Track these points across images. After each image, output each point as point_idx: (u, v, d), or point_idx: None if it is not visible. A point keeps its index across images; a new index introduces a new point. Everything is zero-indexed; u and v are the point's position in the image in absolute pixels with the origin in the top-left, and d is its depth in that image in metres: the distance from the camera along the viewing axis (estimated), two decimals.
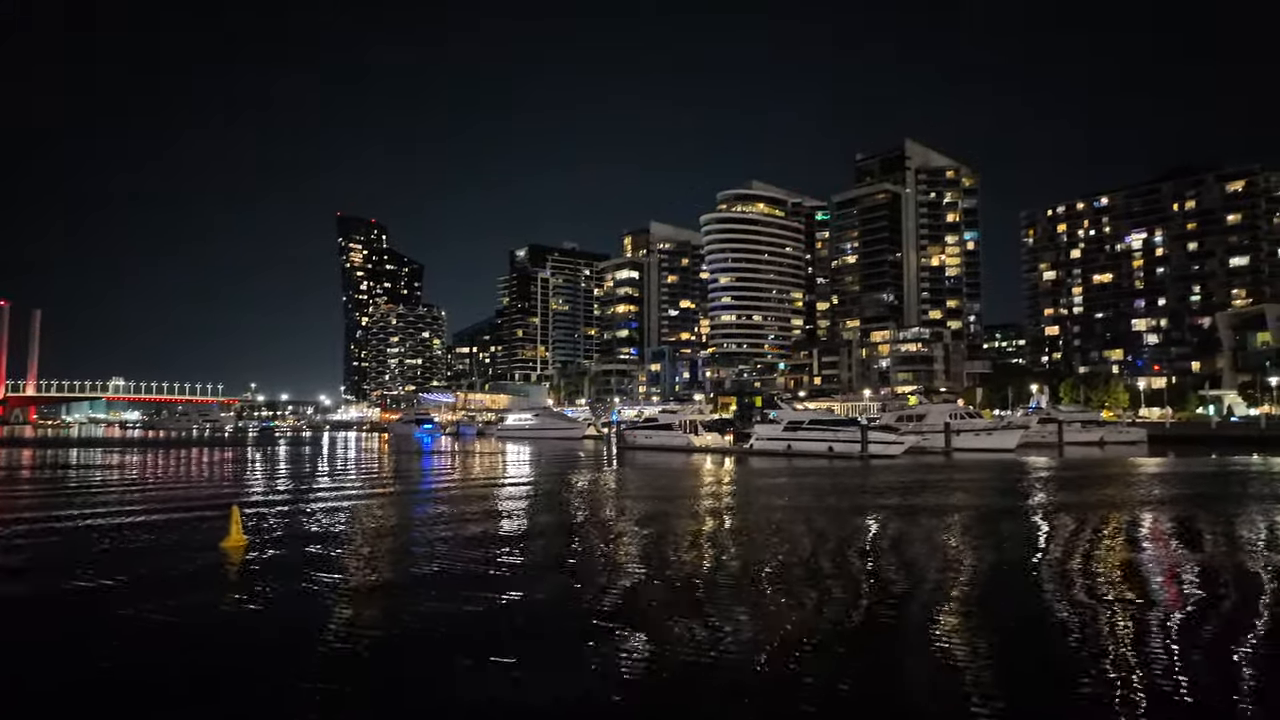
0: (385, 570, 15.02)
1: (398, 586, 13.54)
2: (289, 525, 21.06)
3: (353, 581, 13.91)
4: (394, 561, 15.91)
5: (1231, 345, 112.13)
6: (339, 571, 14.72)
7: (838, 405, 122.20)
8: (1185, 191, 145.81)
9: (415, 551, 17.04)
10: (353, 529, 20.38)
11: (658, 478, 39.39)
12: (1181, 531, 20.35)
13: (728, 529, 21.02)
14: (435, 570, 14.93)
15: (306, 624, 11.06)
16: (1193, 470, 41.88)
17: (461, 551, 16.88)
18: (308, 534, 19.44)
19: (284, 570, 14.78)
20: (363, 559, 16.20)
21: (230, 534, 17.56)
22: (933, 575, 14.69)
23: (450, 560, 15.88)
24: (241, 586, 13.64)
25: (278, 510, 24.47)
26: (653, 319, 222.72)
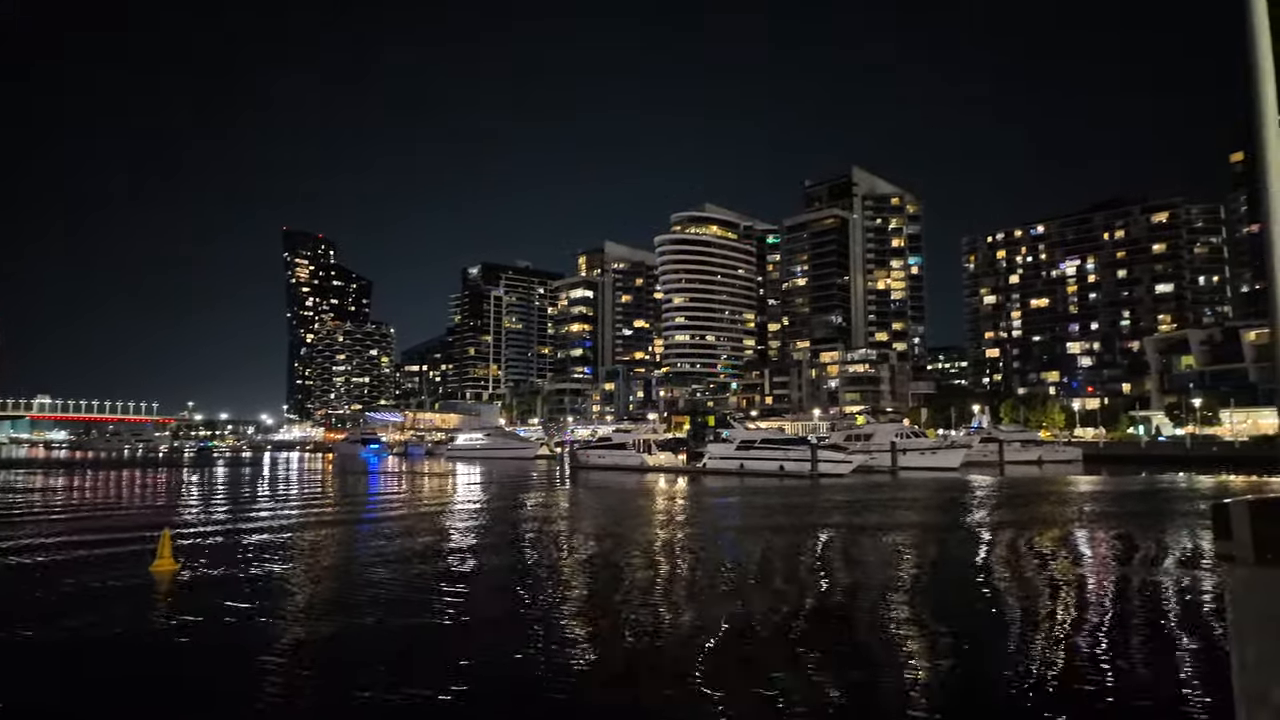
0: (320, 609, 13.65)
1: (330, 631, 12.34)
2: (222, 553, 20.25)
3: (285, 630, 12.16)
4: (331, 599, 14.83)
5: (1158, 368, 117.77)
6: (269, 613, 13.18)
7: (789, 424, 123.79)
8: (1115, 222, 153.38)
9: (355, 583, 16.55)
10: (290, 559, 19.67)
11: (611, 499, 39.20)
12: (1110, 549, 21.15)
13: (681, 552, 21.01)
14: (368, 610, 13.37)
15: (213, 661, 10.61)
16: (1123, 489, 43.65)
17: (401, 587, 16.27)
18: (241, 561, 18.72)
19: (213, 600, 14.18)
20: (298, 595, 15.65)
21: (160, 557, 16.81)
22: (875, 592, 14.93)
23: (389, 599, 14.39)
24: (164, 616, 13.04)
25: (211, 537, 23.52)
26: (607, 338, 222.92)
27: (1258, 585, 2.51)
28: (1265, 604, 2.50)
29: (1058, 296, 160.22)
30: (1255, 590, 2.51)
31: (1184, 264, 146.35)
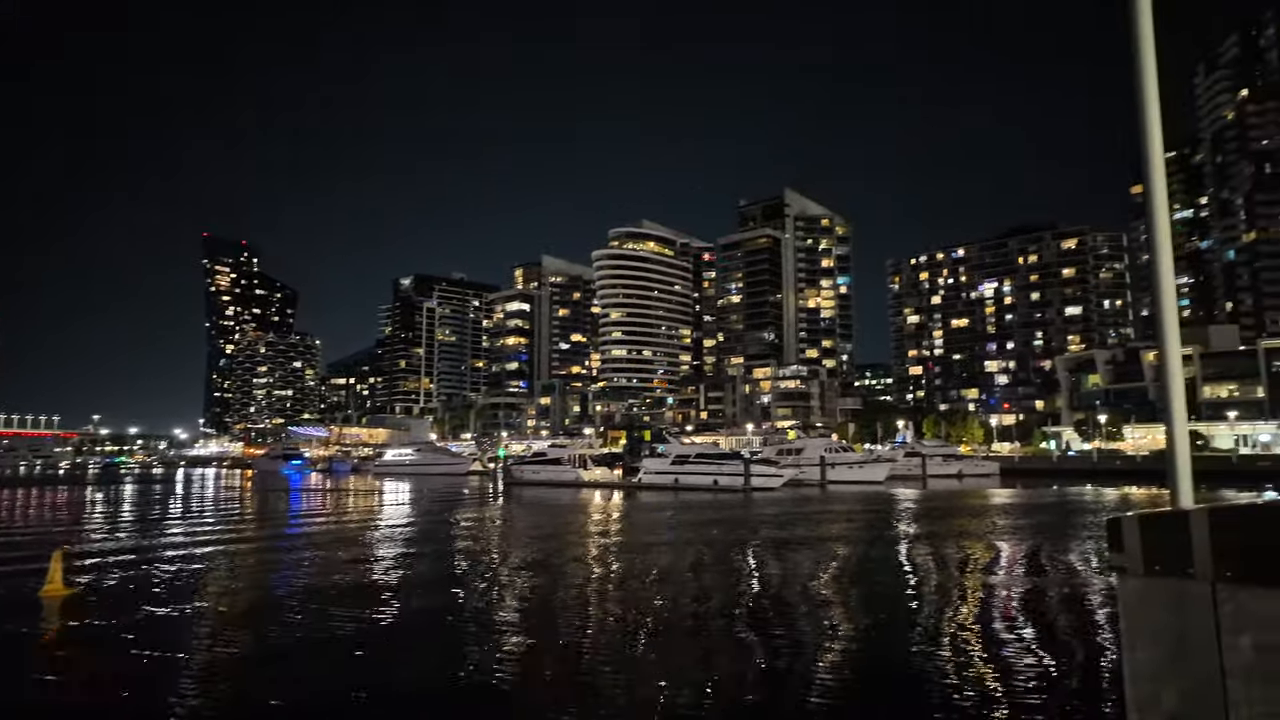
0: (230, 635, 13.09)
1: (239, 657, 11.91)
2: (121, 577, 19.04)
3: (193, 659, 11.52)
4: (241, 625, 14.10)
5: (1068, 386, 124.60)
6: (170, 645, 12.11)
7: (723, 439, 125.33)
8: (1028, 247, 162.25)
9: (268, 605, 15.82)
10: (195, 585, 18.63)
11: (544, 515, 38.75)
12: (1020, 560, 22.17)
13: (614, 568, 20.91)
14: (279, 633, 12.85)
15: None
16: (1036, 502, 45.86)
17: (317, 609, 15.69)
18: (140, 585, 17.64)
19: (102, 628, 13.30)
20: (208, 619, 14.85)
21: (50, 581, 15.67)
22: (799, 603, 15.20)
23: (302, 622, 13.86)
24: (42, 646, 12.15)
25: (112, 558, 22.10)
26: (543, 352, 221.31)
27: (1146, 595, 2.60)
28: (1153, 613, 2.60)
29: (976, 317, 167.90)
30: (1144, 600, 2.61)
31: (1091, 288, 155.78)
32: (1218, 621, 2.52)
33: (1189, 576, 2.55)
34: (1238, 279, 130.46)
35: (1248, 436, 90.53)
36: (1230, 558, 2.51)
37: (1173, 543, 2.58)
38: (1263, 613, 2.47)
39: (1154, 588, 2.65)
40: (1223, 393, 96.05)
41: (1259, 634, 2.49)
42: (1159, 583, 2.65)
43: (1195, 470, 2.88)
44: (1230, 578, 2.51)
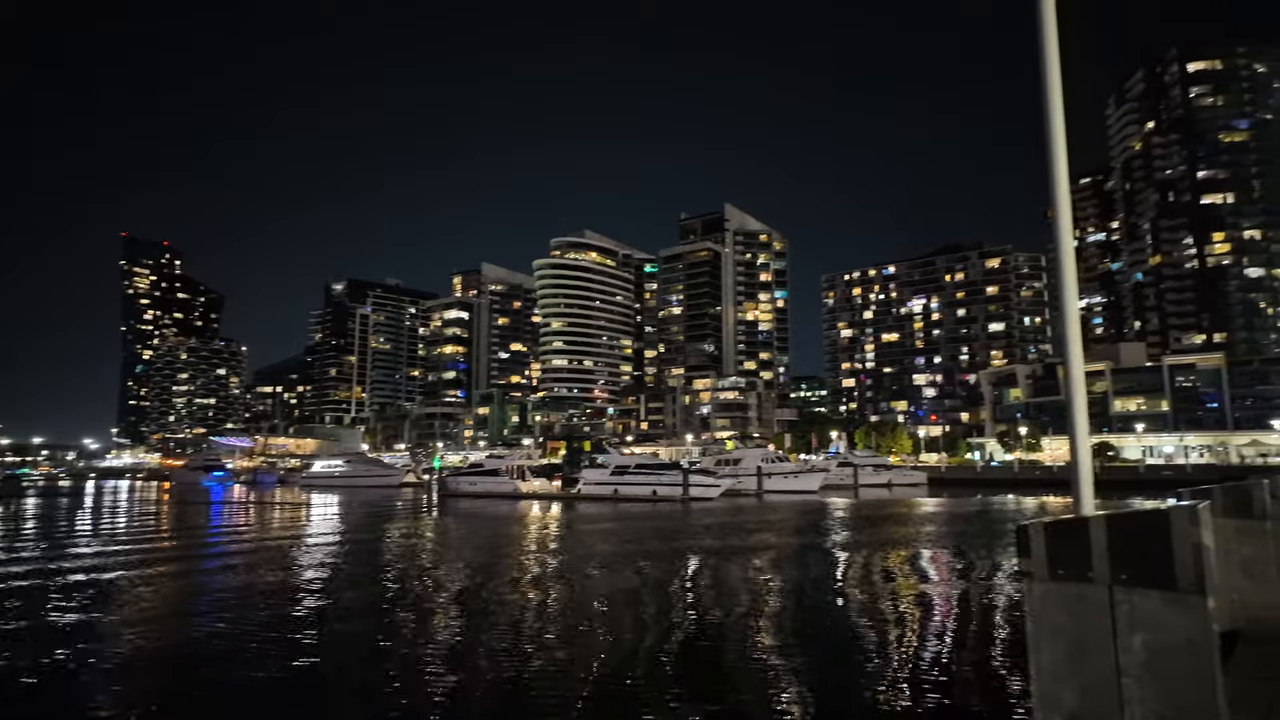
0: (133, 676, 11.94)
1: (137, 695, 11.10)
2: (12, 599, 17.81)
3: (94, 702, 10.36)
4: (146, 657, 13.16)
5: (991, 399, 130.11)
6: (55, 678, 11.11)
7: (662, 450, 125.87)
8: (955, 265, 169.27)
9: (177, 638, 15.05)
10: (98, 606, 17.57)
11: (480, 527, 38.09)
12: (945, 566, 22.99)
13: (550, 586, 20.69)
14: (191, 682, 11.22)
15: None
16: (961, 511, 47.65)
17: (232, 637, 14.98)
18: (33, 609, 16.55)
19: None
20: (113, 651, 14.01)
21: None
22: (736, 611, 15.37)
23: (220, 663, 12.46)
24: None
25: (6, 582, 20.66)
26: (482, 361, 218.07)
27: (1051, 599, 2.78)
28: (1057, 615, 2.77)
29: (906, 332, 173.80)
30: (1048, 603, 2.79)
31: (1013, 305, 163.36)
32: (1114, 622, 2.66)
33: (1089, 580, 2.69)
34: (1145, 299, 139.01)
35: (1154, 447, 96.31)
36: (1125, 562, 2.65)
37: (1074, 548, 2.74)
38: (1153, 613, 2.62)
39: (1057, 591, 2.82)
40: (1131, 406, 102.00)
41: (1150, 634, 2.62)
42: (1062, 587, 2.81)
43: (1107, 480, 3.16)
44: (1125, 581, 2.64)
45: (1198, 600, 2.56)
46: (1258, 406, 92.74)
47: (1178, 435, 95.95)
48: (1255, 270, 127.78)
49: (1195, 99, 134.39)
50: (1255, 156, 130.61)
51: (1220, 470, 67.41)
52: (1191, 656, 2.55)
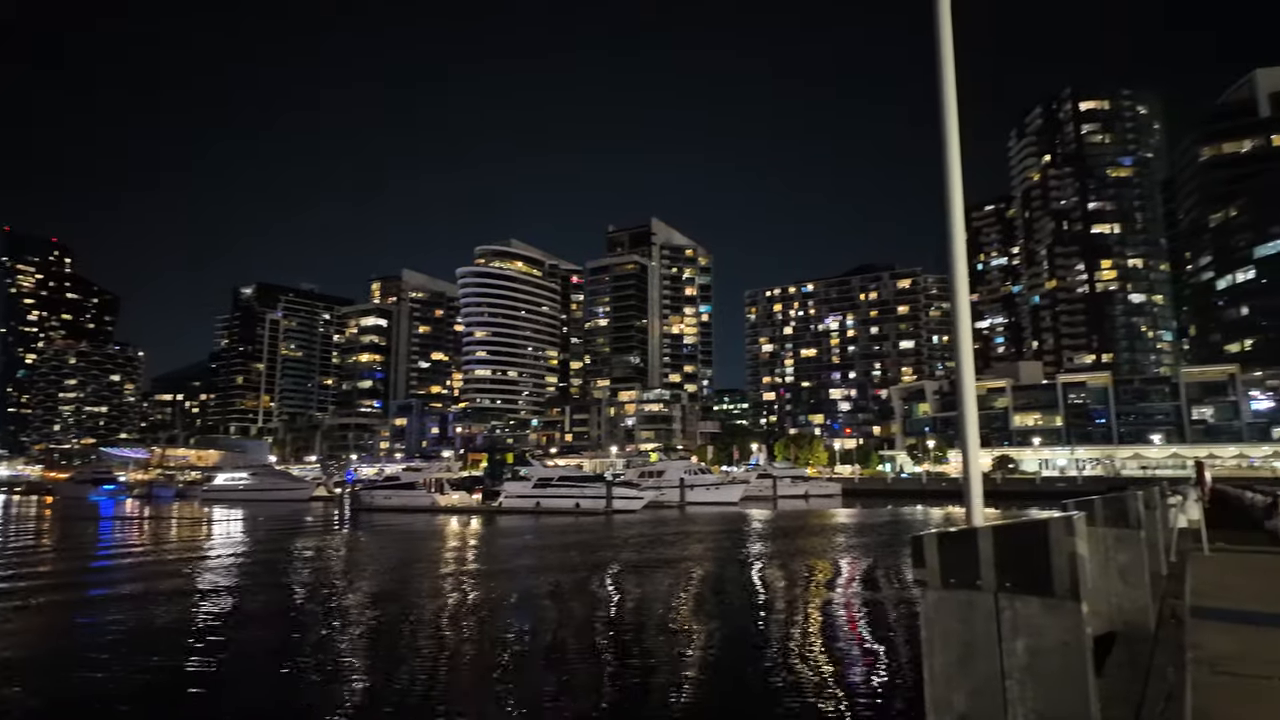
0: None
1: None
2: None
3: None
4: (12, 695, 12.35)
5: (901, 414, 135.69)
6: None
7: (587, 462, 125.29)
8: (869, 285, 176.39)
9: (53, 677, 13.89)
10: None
11: (395, 543, 36.87)
12: (855, 575, 23.77)
13: (465, 601, 20.21)
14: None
15: None
16: (872, 521, 49.38)
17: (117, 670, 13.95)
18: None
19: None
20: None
21: None
22: (656, 624, 15.41)
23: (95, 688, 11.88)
24: None
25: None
26: (400, 370, 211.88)
27: (943, 606, 2.90)
28: (948, 622, 2.89)
29: (823, 347, 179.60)
30: (940, 610, 2.91)
31: (922, 324, 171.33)
32: (999, 628, 2.81)
33: (977, 588, 2.83)
34: (1042, 321, 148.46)
35: (1049, 460, 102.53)
36: (1009, 570, 2.81)
37: (964, 558, 2.88)
38: (1033, 618, 2.78)
39: (949, 599, 2.95)
40: (1029, 421, 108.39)
41: (1030, 638, 2.78)
42: (953, 594, 2.94)
43: (1008, 490, 3.36)
44: (1009, 588, 2.79)
45: (1073, 605, 2.72)
46: (1139, 422, 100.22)
47: (1070, 449, 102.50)
48: (1138, 296, 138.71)
49: (1086, 135, 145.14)
50: (1138, 191, 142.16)
51: (1107, 482, 72.30)
52: (1066, 658, 2.72)
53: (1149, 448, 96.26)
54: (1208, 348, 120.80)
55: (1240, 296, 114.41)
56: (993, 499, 68.09)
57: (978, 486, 3.50)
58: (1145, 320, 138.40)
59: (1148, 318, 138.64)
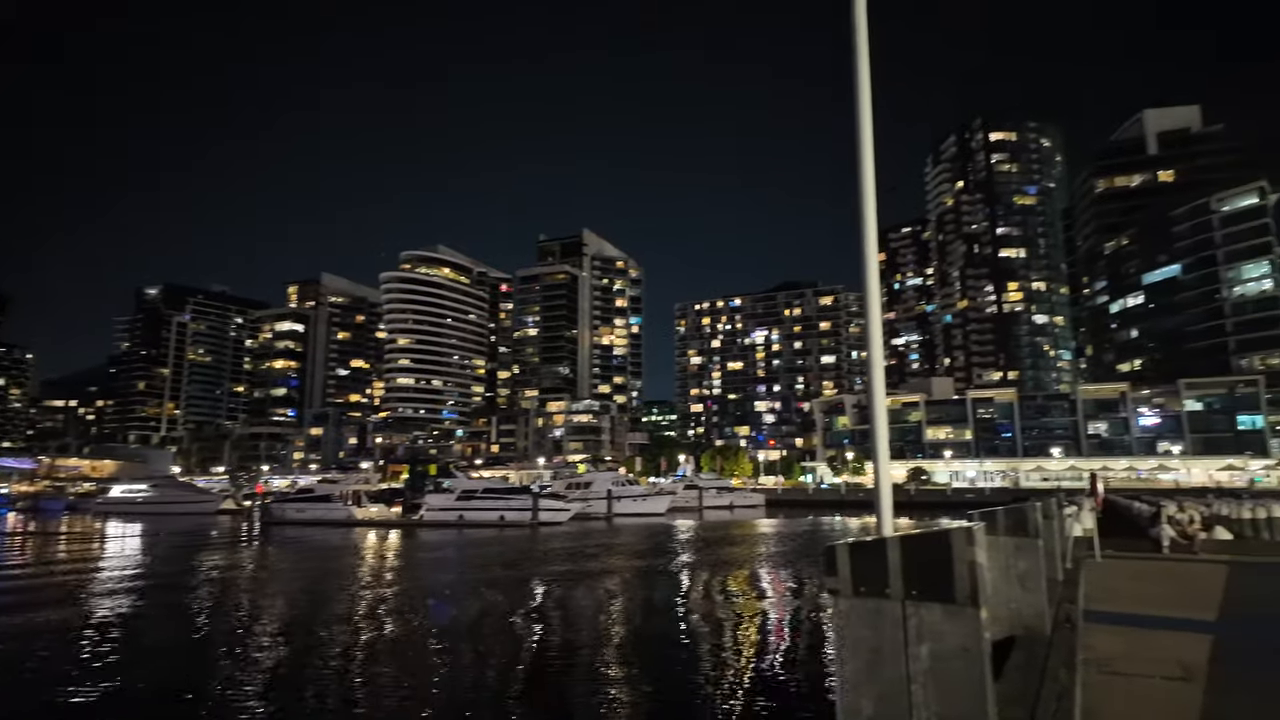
0: None
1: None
2: None
3: None
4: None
5: (822, 426, 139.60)
6: None
7: (513, 473, 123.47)
8: (793, 301, 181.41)
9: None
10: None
11: (307, 558, 35.34)
12: (774, 585, 24.24)
13: (383, 616, 19.53)
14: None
15: None
16: (793, 531, 50.49)
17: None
18: None
19: None
20: None
21: None
22: (583, 638, 15.28)
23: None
24: None
25: None
26: (318, 378, 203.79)
27: (854, 614, 2.98)
28: (858, 629, 2.97)
29: (749, 361, 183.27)
30: (851, 618, 2.99)
31: (843, 340, 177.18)
32: (905, 634, 2.91)
33: (885, 596, 2.93)
34: (953, 339, 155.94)
35: (959, 472, 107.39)
36: (915, 579, 2.92)
37: (874, 567, 2.97)
38: (936, 625, 2.89)
39: (859, 606, 3.03)
40: (941, 435, 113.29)
41: (933, 643, 2.88)
42: (863, 602, 3.02)
43: (921, 501, 3.48)
44: (915, 596, 2.90)
45: (972, 612, 2.84)
46: (1041, 436, 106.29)
47: (978, 461, 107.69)
48: (1041, 317, 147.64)
49: (996, 164, 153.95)
50: (1041, 218, 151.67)
51: (1011, 493, 76.41)
52: (966, 662, 2.83)
53: (1050, 460, 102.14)
54: (1102, 367, 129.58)
55: (1131, 320, 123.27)
56: (907, 509, 70.89)
57: (887, 498, 3.62)
58: (1047, 340, 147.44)
59: (1049, 338, 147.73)
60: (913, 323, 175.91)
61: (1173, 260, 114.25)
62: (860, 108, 3.84)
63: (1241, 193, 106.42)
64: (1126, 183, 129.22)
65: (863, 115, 3.84)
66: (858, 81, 3.86)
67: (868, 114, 3.85)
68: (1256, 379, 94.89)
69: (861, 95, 3.85)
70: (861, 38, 3.93)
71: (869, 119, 3.83)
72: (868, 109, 3.85)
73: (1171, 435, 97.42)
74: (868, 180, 3.73)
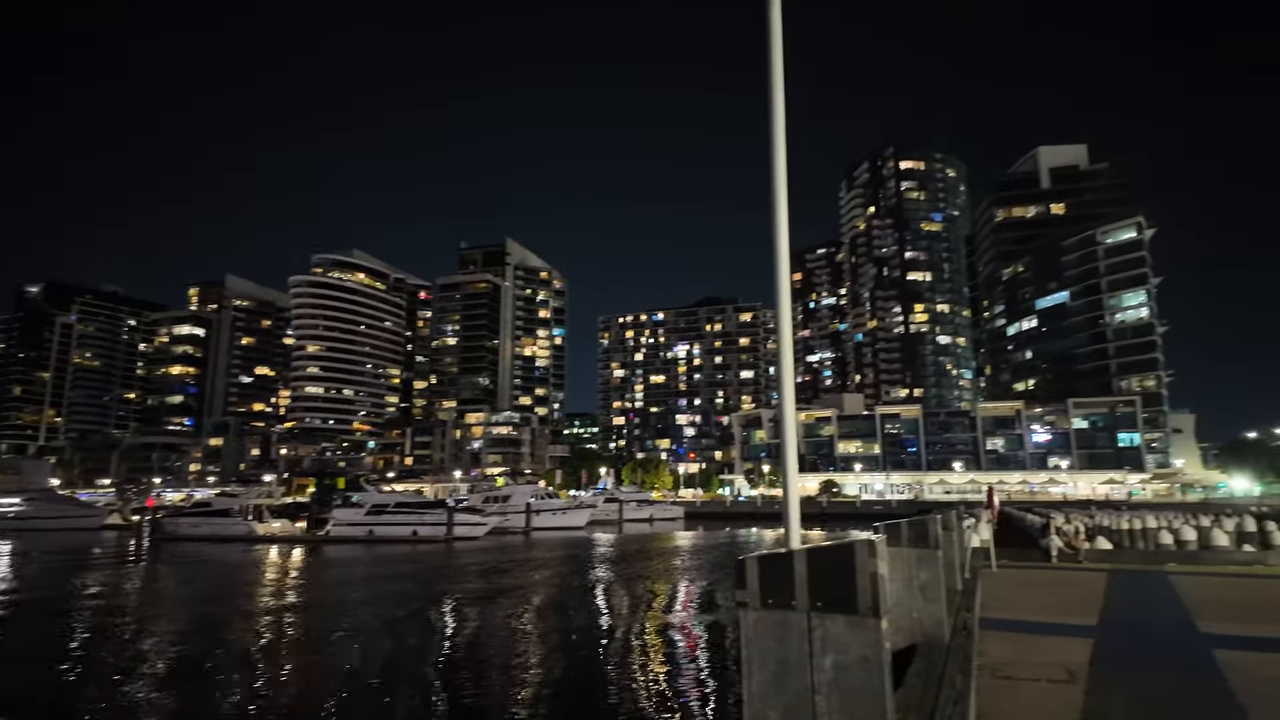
0: None
1: None
2: None
3: None
4: None
5: (740, 439, 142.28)
6: None
7: (428, 487, 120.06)
8: (714, 317, 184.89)
9: None
10: None
11: (201, 577, 33.22)
12: (691, 597, 24.45)
13: (282, 640, 18.54)
14: None
15: None
16: (710, 543, 51.11)
17: None
18: None
19: None
20: None
21: None
22: (495, 657, 14.93)
23: None
24: None
25: None
26: (219, 385, 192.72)
27: (762, 626, 3.02)
28: (766, 642, 3.01)
29: (671, 374, 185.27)
30: (759, 631, 3.03)
31: (761, 356, 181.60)
32: (811, 645, 2.97)
33: (792, 608, 2.98)
34: (864, 357, 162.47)
35: (869, 485, 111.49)
36: (820, 590, 2.98)
37: (781, 579, 3.03)
38: (839, 636, 2.96)
39: (767, 619, 3.08)
40: (852, 449, 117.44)
41: (837, 654, 2.96)
42: (771, 614, 3.07)
43: (831, 513, 3.58)
44: (820, 607, 2.97)
45: (874, 622, 2.92)
46: (944, 451, 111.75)
47: (886, 474, 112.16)
48: (944, 338, 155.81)
49: (905, 192, 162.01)
50: (945, 245, 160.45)
51: (917, 505, 79.77)
52: (867, 672, 2.91)
53: (952, 474, 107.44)
54: (1000, 386, 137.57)
55: (1025, 342, 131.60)
56: (820, 521, 72.94)
57: (795, 511, 3.70)
58: (950, 360, 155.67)
59: (952, 357, 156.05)
60: (827, 340, 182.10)
61: (1062, 287, 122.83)
62: (774, 128, 3.94)
63: (1122, 227, 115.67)
64: (1023, 213, 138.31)
65: (776, 136, 3.94)
66: (772, 104, 3.97)
67: (781, 135, 3.96)
68: (1134, 399, 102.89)
69: (776, 117, 3.96)
70: (777, 58, 4.04)
71: (782, 140, 3.94)
72: (781, 130, 3.96)
73: (1061, 451, 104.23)
74: (780, 203, 3.83)
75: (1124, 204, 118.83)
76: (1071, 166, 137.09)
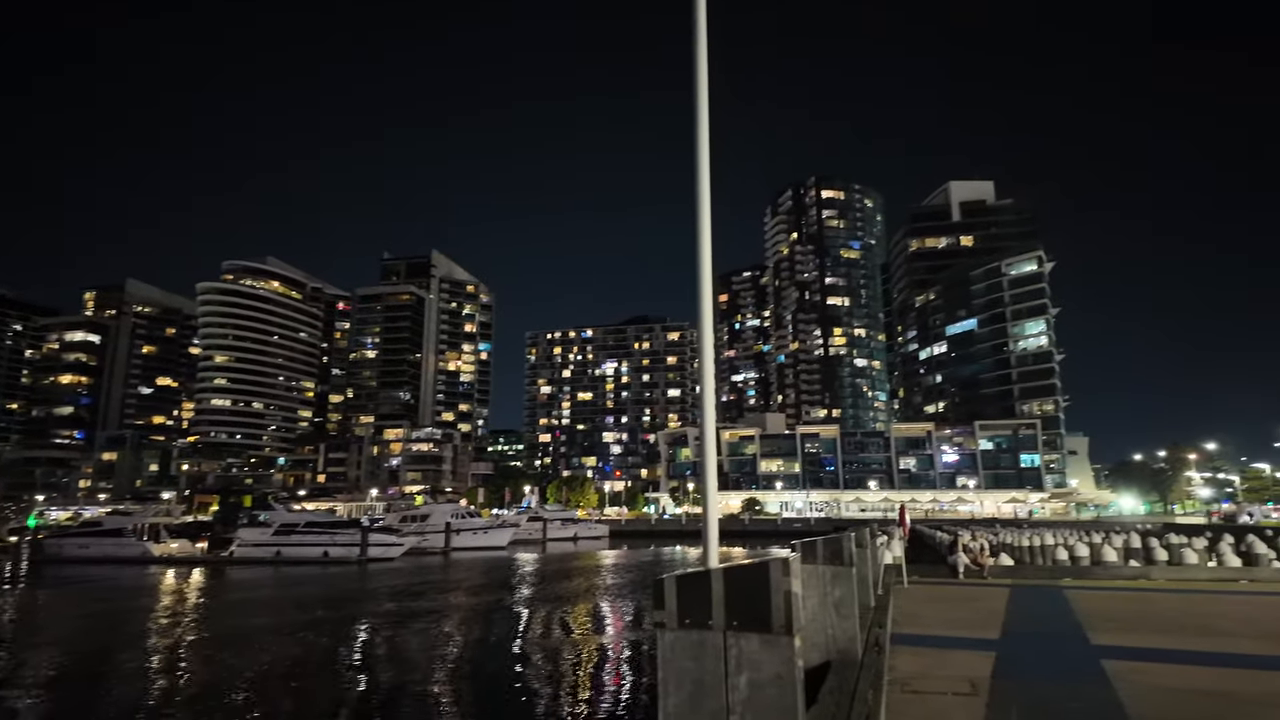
0: None
1: None
2: None
3: None
4: None
5: (667, 458, 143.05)
6: None
7: (341, 505, 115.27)
8: (643, 335, 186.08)
9: None
10: None
11: (88, 602, 30.78)
12: (612, 617, 24.30)
13: (177, 671, 17.36)
14: None
15: None
16: (634, 562, 51.02)
17: None
18: None
19: None
20: None
21: None
22: (408, 687, 14.39)
23: None
24: None
25: None
26: (115, 396, 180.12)
27: (679, 646, 3.01)
28: (683, 661, 3.00)
29: (599, 392, 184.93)
30: (676, 651, 3.01)
31: (688, 375, 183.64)
32: (726, 665, 2.98)
33: (709, 628, 2.99)
34: (786, 378, 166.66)
35: (789, 502, 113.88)
36: (736, 610, 3.00)
37: (699, 599, 3.03)
38: (754, 654, 2.98)
39: (684, 638, 3.07)
40: (774, 467, 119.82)
41: (751, 672, 2.97)
42: (688, 634, 3.06)
43: (753, 530, 3.60)
44: (736, 626, 2.98)
45: (787, 640, 2.95)
46: (860, 470, 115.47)
47: (806, 492, 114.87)
48: (861, 361, 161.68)
49: (826, 220, 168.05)
50: (863, 271, 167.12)
51: (834, 523, 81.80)
52: (780, 690, 2.93)
53: (867, 492, 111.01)
54: (912, 408, 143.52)
55: (936, 366, 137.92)
56: (741, 538, 73.95)
57: (714, 530, 3.72)
58: (866, 382, 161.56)
59: (868, 380, 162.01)
60: (751, 361, 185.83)
61: (970, 315, 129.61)
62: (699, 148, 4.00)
63: (1024, 259, 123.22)
64: (935, 244, 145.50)
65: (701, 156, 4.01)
66: (697, 125, 4.04)
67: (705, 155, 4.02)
68: (1034, 422, 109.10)
69: (701, 138, 4.02)
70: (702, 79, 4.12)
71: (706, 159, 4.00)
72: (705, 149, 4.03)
73: (968, 470, 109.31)
74: (704, 227, 3.88)
75: (1027, 238, 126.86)
76: (979, 201, 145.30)
